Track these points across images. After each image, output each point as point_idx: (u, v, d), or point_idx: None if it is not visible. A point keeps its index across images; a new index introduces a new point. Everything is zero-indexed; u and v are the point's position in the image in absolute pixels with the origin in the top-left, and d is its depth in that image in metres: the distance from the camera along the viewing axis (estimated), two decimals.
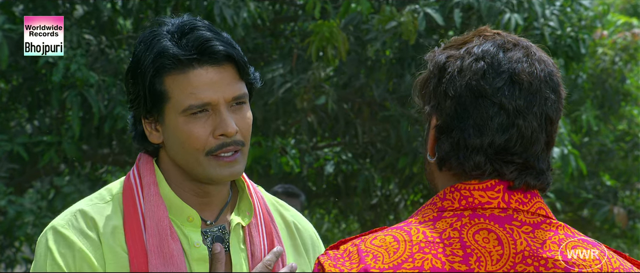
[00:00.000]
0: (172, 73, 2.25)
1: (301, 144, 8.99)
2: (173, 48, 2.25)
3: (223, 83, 2.26)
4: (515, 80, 1.87)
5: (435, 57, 1.94)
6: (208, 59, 2.25)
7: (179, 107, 2.25)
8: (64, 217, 2.29)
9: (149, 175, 2.31)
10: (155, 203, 2.28)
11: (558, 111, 1.91)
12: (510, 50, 1.90)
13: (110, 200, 2.31)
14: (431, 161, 1.95)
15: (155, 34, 2.29)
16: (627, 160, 10.93)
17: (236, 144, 2.28)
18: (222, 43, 2.27)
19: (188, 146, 2.26)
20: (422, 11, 7.45)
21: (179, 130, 2.26)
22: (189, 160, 2.28)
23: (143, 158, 2.35)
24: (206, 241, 2.31)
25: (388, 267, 1.82)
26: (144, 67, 2.25)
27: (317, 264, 1.90)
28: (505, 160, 1.87)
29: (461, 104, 1.88)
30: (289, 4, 8.66)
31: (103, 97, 6.87)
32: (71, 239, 2.24)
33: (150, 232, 2.25)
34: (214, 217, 2.34)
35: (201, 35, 2.26)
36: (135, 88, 2.28)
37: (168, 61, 2.24)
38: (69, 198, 6.85)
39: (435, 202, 1.91)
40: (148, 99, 2.26)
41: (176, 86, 2.25)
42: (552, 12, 8.05)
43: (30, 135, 7.17)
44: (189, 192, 2.33)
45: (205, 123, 2.26)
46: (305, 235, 2.47)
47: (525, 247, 1.85)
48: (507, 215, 1.87)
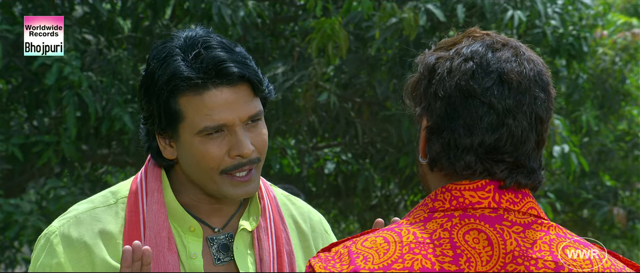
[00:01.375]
0: (186, 94, 2.22)
1: (301, 144, 8.99)
2: (187, 70, 2.22)
3: (238, 103, 2.25)
4: (504, 80, 1.88)
5: (425, 59, 1.95)
6: (223, 80, 2.23)
7: (194, 127, 2.23)
8: (58, 223, 2.28)
9: (154, 181, 2.30)
10: (156, 212, 2.27)
11: (548, 110, 1.92)
12: (499, 50, 1.91)
13: (114, 203, 2.30)
14: (423, 163, 1.95)
15: (168, 50, 2.25)
16: (627, 160, 10.93)
17: (251, 163, 2.27)
18: (236, 64, 2.24)
19: (203, 165, 2.25)
20: (423, 7, 7.44)
21: (194, 149, 2.24)
22: (203, 178, 2.27)
23: (152, 161, 2.34)
24: (212, 248, 2.30)
25: (378, 268, 1.83)
26: (159, 87, 2.23)
27: (308, 266, 1.91)
28: (495, 159, 1.88)
29: (451, 104, 1.88)
30: (289, 4, 8.66)
31: (101, 97, 6.86)
32: (56, 250, 2.23)
33: (148, 242, 2.23)
34: (223, 224, 2.34)
35: (216, 56, 2.23)
36: (149, 106, 2.26)
37: (183, 83, 2.21)
38: (63, 201, 6.84)
39: (427, 202, 1.92)
40: (163, 118, 2.24)
41: (191, 107, 2.23)
42: (554, 11, 8.05)
43: (27, 136, 7.17)
44: (201, 201, 2.32)
45: (221, 143, 2.24)
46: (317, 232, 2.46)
47: (515, 247, 1.85)
48: (497, 215, 1.88)
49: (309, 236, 2.44)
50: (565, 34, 8.15)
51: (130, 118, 6.94)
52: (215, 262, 2.29)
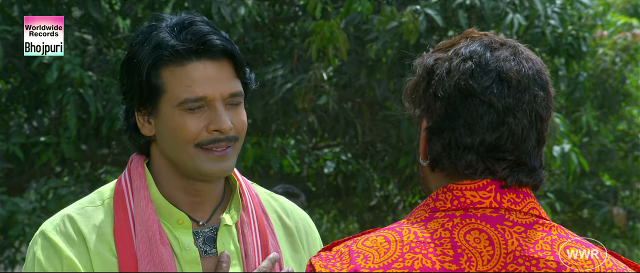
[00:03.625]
0: (169, 65, 2.24)
1: (301, 144, 8.99)
2: (172, 40, 2.24)
3: (220, 78, 2.25)
4: (503, 79, 1.88)
5: (424, 61, 1.95)
6: (206, 52, 2.25)
7: (174, 100, 2.24)
8: (52, 222, 2.27)
9: (138, 179, 2.30)
10: (144, 207, 2.26)
11: (548, 109, 1.92)
12: (498, 49, 1.91)
13: (101, 204, 2.30)
14: (424, 164, 1.95)
15: (153, 27, 2.28)
16: (626, 160, 10.94)
17: (229, 140, 2.26)
18: (220, 38, 2.26)
19: (180, 137, 2.24)
20: (423, 12, 7.45)
21: (172, 122, 2.24)
22: (180, 153, 2.26)
23: (134, 161, 2.34)
24: (198, 242, 2.29)
25: (378, 267, 1.83)
26: (141, 57, 2.24)
27: (309, 265, 1.91)
28: (496, 158, 1.88)
29: (451, 104, 1.88)
30: (289, 4, 8.66)
31: (101, 97, 6.86)
32: (59, 246, 2.23)
33: (140, 237, 2.23)
34: (206, 218, 2.33)
35: (200, 29, 2.26)
36: (130, 80, 2.27)
37: (166, 52, 2.23)
38: (64, 200, 6.84)
39: (428, 202, 1.92)
40: (144, 91, 2.25)
41: (173, 79, 2.24)
42: (552, 11, 8.05)
43: (27, 136, 7.17)
44: (180, 190, 2.31)
45: (200, 117, 2.25)
46: (300, 227, 2.45)
47: (516, 247, 1.85)
48: (498, 215, 1.87)
49: (294, 230, 2.44)
50: (564, 33, 8.16)
51: None
52: (203, 255, 2.29)
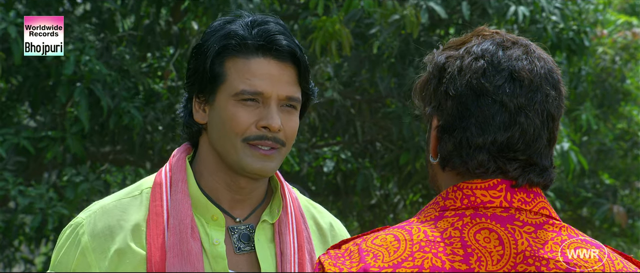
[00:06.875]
0: (234, 56, 2.27)
1: (300, 143, 8.98)
2: (242, 31, 2.27)
3: (281, 79, 2.27)
4: (515, 78, 1.87)
5: (435, 59, 1.94)
6: (273, 50, 2.27)
7: (232, 90, 2.26)
8: (85, 214, 2.30)
9: (179, 172, 2.32)
10: (180, 201, 2.28)
11: (559, 108, 1.91)
12: (510, 48, 1.90)
13: (138, 194, 2.32)
14: (434, 162, 1.94)
15: (227, 21, 2.32)
16: (626, 159, 10.94)
17: (275, 141, 2.27)
18: (289, 41, 2.29)
19: (228, 128, 2.26)
20: (424, 4, 7.43)
21: (224, 112, 2.26)
22: (226, 145, 2.27)
23: (177, 155, 2.36)
24: (233, 237, 2.31)
25: (388, 266, 1.82)
26: (209, 45, 2.28)
27: (318, 263, 1.90)
28: (508, 157, 1.87)
29: (462, 103, 1.87)
30: (289, 3, 8.65)
31: (108, 92, 6.85)
32: (83, 240, 2.25)
33: (172, 230, 2.25)
34: (245, 216, 2.34)
35: (271, 28, 2.28)
36: (196, 64, 2.30)
37: (234, 41, 2.26)
38: (79, 189, 6.80)
39: (438, 201, 1.91)
40: (205, 77, 2.28)
41: (235, 69, 2.26)
42: (554, 6, 8.05)
43: (34, 130, 7.16)
44: (223, 185, 2.33)
45: (252, 112, 2.26)
46: (337, 237, 2.45)
47: (526, 247, 1.84)
48: (509, 215, 1.87)
49: (329, 239, 2.44)
50: (566, 28, 8.15)
51: (137, 111, 6.94)
52: (236, 251, 2.30)
